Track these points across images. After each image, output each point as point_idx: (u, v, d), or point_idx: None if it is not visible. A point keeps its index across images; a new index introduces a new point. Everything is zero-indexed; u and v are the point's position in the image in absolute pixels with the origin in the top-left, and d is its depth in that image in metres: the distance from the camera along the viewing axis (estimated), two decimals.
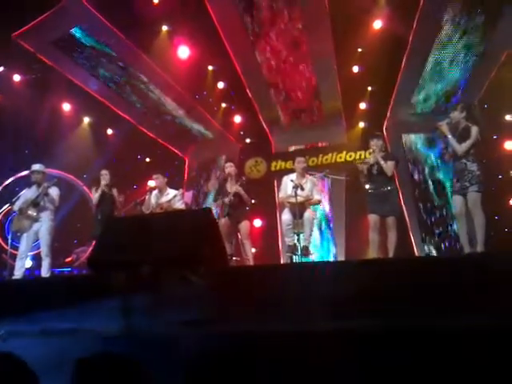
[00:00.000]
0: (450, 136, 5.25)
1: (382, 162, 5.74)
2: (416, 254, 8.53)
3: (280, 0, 7.65)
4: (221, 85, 10.06)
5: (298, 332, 2.40)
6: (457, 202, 5.31)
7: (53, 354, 2.64)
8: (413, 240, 8.83)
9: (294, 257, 6.21)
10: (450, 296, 2.64)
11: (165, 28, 8.74)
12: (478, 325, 2.15)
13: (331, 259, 9.15)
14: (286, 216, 6.26)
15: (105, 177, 6.86)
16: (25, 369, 1.96)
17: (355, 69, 9.23)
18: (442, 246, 8.64)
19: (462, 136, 5.22)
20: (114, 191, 6.87)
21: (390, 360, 2.14)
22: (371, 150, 5.98)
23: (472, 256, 4.85)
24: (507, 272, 2.61)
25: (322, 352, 2.22)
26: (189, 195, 10.60)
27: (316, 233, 8.99)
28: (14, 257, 6.62)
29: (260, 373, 2.22)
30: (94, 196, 6.87)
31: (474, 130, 5.19)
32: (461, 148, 5.16)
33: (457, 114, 5.33)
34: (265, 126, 10.28)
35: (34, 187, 6.56)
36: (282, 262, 8.57)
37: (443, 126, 5.34)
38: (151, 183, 7.12)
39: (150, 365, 2.12)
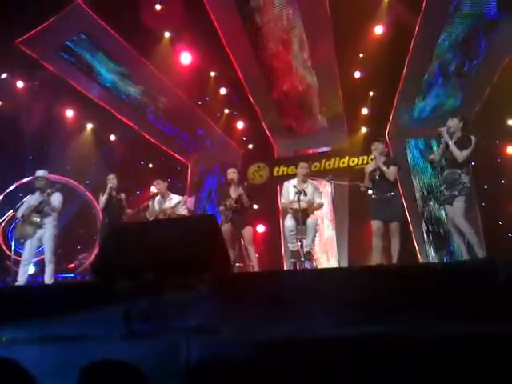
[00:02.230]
0: (450, 142, 5.24)
1: (384, 168, 5.73)
2: (419, 259, 8.52)
3: (281, 7, 7.68)
4: (223, 91, 10.09)
5: (300, 339, 2.39)
6: (448, 211, 5.35)
7: (55, 361, 2.64)
8: (416, 245, 8.82)
9: (297, 263, 6.21)
10: (452, 302, 2.63)
11: (167, 34, 8.78)
12: (482, 332, 2.14)
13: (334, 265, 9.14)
14: (289, 222, 6.25)
15: (112, 181, 6.86)
16: (24, 375, 1.96)
17: (357, 74, 9.24)
18: (445, 251, 8.63)
19: (458, 144, 5.22)
20: (122, 195, 6.89)
21: (392, 367, 2.13)
22: (372, 156, 5.96)
23: (476, 262, 4.84)
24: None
25: (325, 359, 2.21)
26: (191, 201, 10.60)
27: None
28: (17, 263, 6.62)
29: (262, 380, 2.21)
30: (101, 200, 6.89)
31: (473, 138, 5.20)
32: (461, 155, 5.16)
33: (455, 123, 5.34)
34: (267, 132, 10.29)
35: (37, 193, 6.58)
36: (284, 267, 8.56)
37: (444, 132, 5.34)
38: (154, 189, 7.13)
39: (152, 372, 2.11)
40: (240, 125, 10.78)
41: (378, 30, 8.27)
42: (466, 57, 8.12)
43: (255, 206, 7.57)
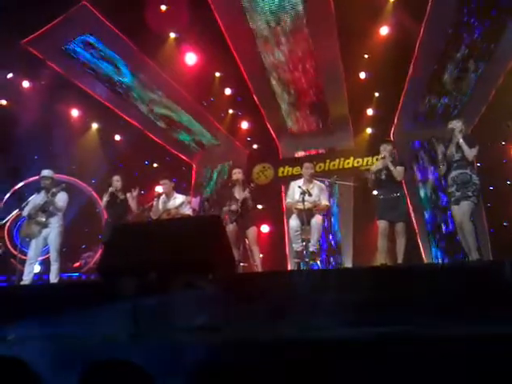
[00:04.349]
0: (461, 140, 5.28)
1: (392, 168, 5.74)
2: (424, 260, 8.50)
3: (286, 8, 7.67)
4: (228, 91, 10.08)
5: (304, 339, 2.39)
6: (456, 212, 5.36)
7: (60, 359, 2.66)
8: (421, 246, 8.80)
9: (301, 263, 6.21)
10: (458, 303, 2.63)
11: (172, 35, 8.78)
12: (486, 333, 2.13)
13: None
14: (293, 222, 6.25)
15: (115, 183, 6.87)
16: (29, 373, 1.97)
17: (362, 75, 9.22)
18: (451, 252, 8.61)
19: (466, 143, 5.29)
20: (128, 196, 6.88)
21: (396, 367, 2.13)
22: (381, 156, 5.97)
23: (482, 263, 4.84)
24: None
25: (328, 360, 2.21)
26: (196, 201, 10.60)
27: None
28: (22, 262, 6.65)
29: (266, 380, 2.21)
30: (103, 200, 6.91)
31: (475, 140, 5.30)
32: (471, 153, 5.22)
33: (460, 124, 5.40)
34: (272, 132, 10.30)
35: (42, 193, 6.60)
36: (288, 267, 8.56)
37: (456, 130, 5.37)
38: (159, 189, 7.14)
39: (156, 371, 2.12)
40: (245, 125, 10.77)
41: (384, 30, 8.24)
42: (471, 59, 8.08)
43: (260, 207, 7.56)
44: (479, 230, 5.47)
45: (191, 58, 9.04)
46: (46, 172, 6.67)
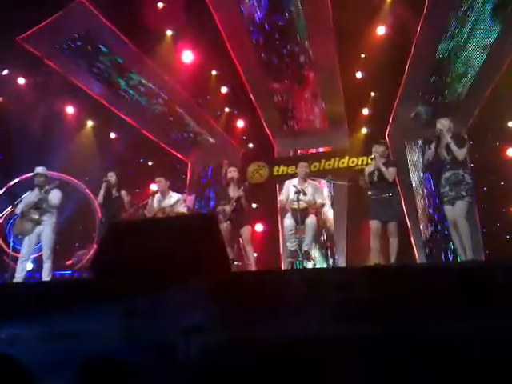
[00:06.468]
0: (450, 140, 5.28)
1: (384, 169, 5.76)
2: (417, 260, 8.52)
3: (283, 6, 7.68)
4: (224, 89, 10.08)
5: (297, 338, 2.39)
6: (449, 211, 5.38)
7: (53, 358, 2.65)
8: (414, 246, 8.82)
9: (295, 262, 6.22)
10: (450, 303, 2.63)
11: (169, 33, 8.78)
12: (478, 333, 2.14)
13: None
14: (288, 221, 6.26)
15: (109, 178, 6.86)
16: (22, 371, 1.96)
17: (358, 75, 9.24)
18: (443, 252, 8.63)
19: (455, 143, 5.31)
20: (123, 193, 6.86)
21: (390, 367, 2.14)
22: (371, 157, 6.00)
23: (475, 263, 4.85)
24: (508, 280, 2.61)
25: (322, 359, 2.21)
26: (191, 199, 10.59)
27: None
28: (15, 259, 6.62)
29: (259, 379, 2.22)
30: (99, 196, 6.91)
31: (466, 136, 5.32)
32: (461, 152, 5.22)
33: (448, 123, 5.40)
34: (267, 131, 10.29)
35: (36, 190, 6.57)
36: (282, 266, 8.57)
37: (444, 130, 5.37)
38: (154, 187, 7.12)
39: (150, 370, 2.12)
40: (240, 123, 10.77)
41: (380, 30, 8.28)
42: (467, 58, 8.11)
43: (254, 205, 7.57)
44: (472, 230, 5.46)
45: (188, 56, 9.04)
46: (39, 169, 6.64)
